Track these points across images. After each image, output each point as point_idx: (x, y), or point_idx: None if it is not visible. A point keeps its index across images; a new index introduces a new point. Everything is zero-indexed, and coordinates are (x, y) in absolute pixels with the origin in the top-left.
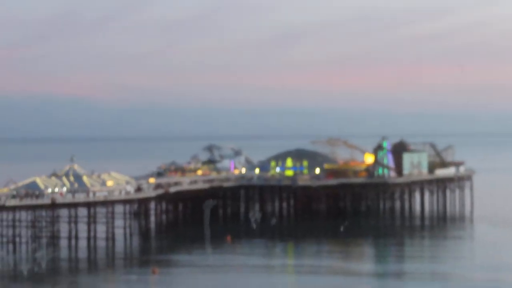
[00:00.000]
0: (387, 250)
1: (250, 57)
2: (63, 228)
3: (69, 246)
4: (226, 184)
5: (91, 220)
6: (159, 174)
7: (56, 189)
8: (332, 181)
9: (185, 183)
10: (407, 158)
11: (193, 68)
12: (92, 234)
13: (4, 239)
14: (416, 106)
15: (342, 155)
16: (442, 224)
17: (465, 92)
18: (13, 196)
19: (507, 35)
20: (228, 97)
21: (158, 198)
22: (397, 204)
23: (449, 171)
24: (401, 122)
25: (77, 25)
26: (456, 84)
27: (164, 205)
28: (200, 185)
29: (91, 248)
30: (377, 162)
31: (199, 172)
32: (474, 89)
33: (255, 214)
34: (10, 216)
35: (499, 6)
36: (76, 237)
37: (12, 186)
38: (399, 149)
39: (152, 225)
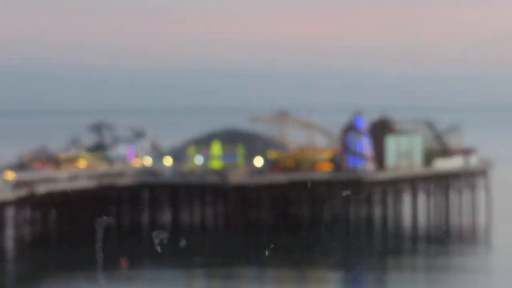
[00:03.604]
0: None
1: None
2: None
3: None
4: (121, 182)
5: None
6: (21, 166)
7: None
8: (281, 177)
9: (61, 179)
10: (392, 143)
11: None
12: None
13: None
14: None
15: (295, 138)
16: (443, 244)
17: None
18: None
19: None
20: (127, 50)
21: (20, 202)
22: (377, 212)
23: (455, 163)
24: (380, 89)
25: None
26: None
27: (28, 213)
28: (83, 183)
29: None
30: (346, 149)
31: (82, 163)
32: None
33: (160, 234)
34: None
35: None
36: None
37: None
38: (380, 130)
39: (10, 242)
